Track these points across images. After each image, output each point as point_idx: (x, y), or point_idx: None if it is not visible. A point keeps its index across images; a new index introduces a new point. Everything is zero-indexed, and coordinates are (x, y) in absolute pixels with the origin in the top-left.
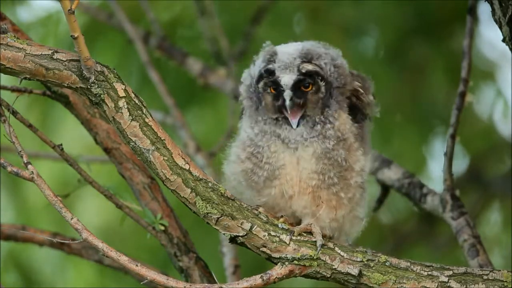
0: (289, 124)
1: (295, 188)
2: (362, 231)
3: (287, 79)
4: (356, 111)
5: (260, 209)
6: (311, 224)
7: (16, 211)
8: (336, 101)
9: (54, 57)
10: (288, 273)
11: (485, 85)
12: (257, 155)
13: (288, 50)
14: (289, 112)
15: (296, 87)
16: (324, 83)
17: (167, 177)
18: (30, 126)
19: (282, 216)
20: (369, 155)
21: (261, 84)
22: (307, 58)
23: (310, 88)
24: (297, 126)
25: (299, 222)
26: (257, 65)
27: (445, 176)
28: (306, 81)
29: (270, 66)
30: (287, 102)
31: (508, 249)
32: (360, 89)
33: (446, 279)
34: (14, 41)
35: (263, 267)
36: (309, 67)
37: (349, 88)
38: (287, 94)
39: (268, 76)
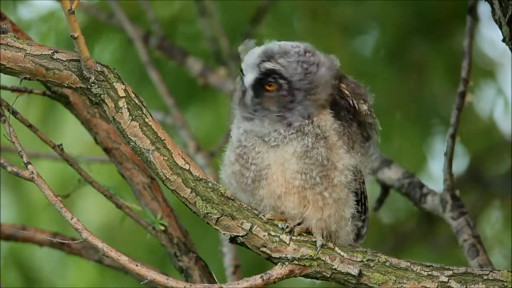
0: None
1: (281, 188)
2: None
3: (248, 78)
4: (339, 109)
5: (267, 215)
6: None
7: (16, 210)
8: (303, 105)
9: (54, 57)
10: (288, 273)
11: (486, 84)
12: (244, 156)
13: (255, 50)
14: (250, 110)
15: (258, 86)
16: (285, 82)
17: (167, 177)
18: (30, 126)
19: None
20: (373, 156)
21: (239, 82)
22: (266, 56)
23: (273, 86)
24: (254, 111)
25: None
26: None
27: (445, 176)
28: (268, 79)
29: (242, 64)
30: (248, 101)
31: (508, 249)
32: (345, 91)
33: (446, 279)
34: (14, 41)
35: (263, 267)
36: (268, 65)
37: (317, 98)
38: (248, 93)
39: (241, 74)
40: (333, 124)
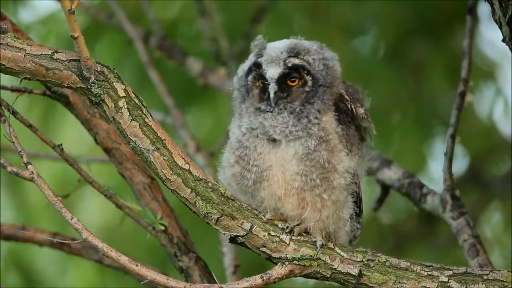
0: (270, 104)
1: (281, 190)
2: (362, 231)
3: (272, 72)
4: (340, 112)
5: (267, 215)
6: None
7: (16, 210)
8: (321, 99)
9: (54, 57)
10: (288, 273)
11: (485, 85)
12: (244, 158)
13: (277, 45)
14: (273, 105)
15: (282, 80)
16: (310, 78)
17: (167, 177)
18: (30, 126)
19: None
20: (366, 158)
21: (250, 77)
22: (293, 52)
23: (296, 82)
24: (275, 104)
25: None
26: (249, 59)
27: (445, 176)
28: (292, 75)
29: (259, 60)
30: (271, 95)
31: (508, 249)
32: (345, 95)
33: (446, 279)
34: (14, 41)
35: (263, 267)
36: (295, 61)
37: (335, 91)
38: (272, 88)
39: (256, 69)
40: (336, 128)
